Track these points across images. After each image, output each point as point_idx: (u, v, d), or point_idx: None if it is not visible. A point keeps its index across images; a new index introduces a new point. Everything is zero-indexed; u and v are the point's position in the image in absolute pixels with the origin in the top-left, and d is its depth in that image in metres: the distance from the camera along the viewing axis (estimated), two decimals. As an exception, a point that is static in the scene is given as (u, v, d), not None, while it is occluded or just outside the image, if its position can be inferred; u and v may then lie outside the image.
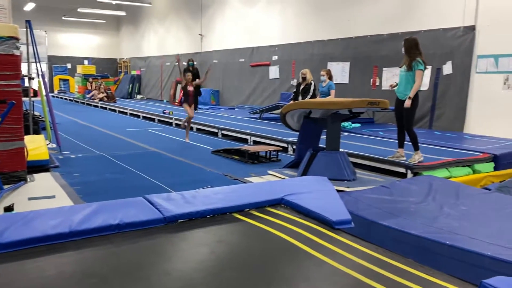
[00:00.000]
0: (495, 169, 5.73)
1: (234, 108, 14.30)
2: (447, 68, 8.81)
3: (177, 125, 10.72)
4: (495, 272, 2.60)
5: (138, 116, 13.02)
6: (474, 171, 5.53)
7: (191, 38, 17.82)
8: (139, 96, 21.42)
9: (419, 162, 5.32)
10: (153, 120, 12.02)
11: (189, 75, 8.15)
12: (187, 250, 2.21)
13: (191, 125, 10.08)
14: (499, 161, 5.79)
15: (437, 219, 3.44)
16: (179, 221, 2.54)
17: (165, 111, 12.09)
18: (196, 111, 12.47)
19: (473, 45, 8.44)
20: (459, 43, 8.64)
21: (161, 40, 20.39)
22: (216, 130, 9.17)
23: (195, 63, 13.22)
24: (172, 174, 5.46)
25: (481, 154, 5.84)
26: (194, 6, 17.36)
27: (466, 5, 8.48)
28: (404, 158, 5.51)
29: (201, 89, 13.31)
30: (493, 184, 5.14)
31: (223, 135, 8.94)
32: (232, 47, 15.42)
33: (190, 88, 7.85)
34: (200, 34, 17.19)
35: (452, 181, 4.76)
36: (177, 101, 16.45)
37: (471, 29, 8.44)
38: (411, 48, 5.42)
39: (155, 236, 2.36)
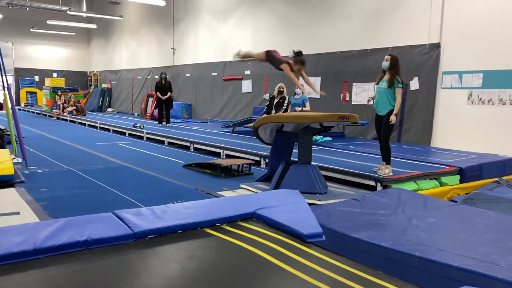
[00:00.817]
0: (461, 181, 5.91)
1: (206, 122, 14.26)
2: (414, 84, 9.09)
3: (147, 139, 10.60)
4: (463, 283, 2.66)
5: (109, 130, 12.80)
6: (441, 184, 5.68)
7: (164, 51, 17.75)
8: (109, 110, 21.09)
9: (388, 175, 5.43)
10: (123, 134, 11.83)
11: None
12: (157, 266, 2.17)
13: (162, 138, 9.99)
14: (464, 174, 5.97)
15: (406, 231, 3.51)
16: (149, 236, 2.49)
17: (136, 125, 11.94)
18: (168, 124, 12.41)
19: (438, 62, 8.75)
20: (425, 60, 8.94)
21: (133, 53, 20.23)
22: (188, 144, 9.11)
23: (167, 76, 13.15)
24: (142, 188, 5.37)
25: (447, 167, 6.02)
26: (166, 20, 17.34)
27: (432, 23, 8.81)
28: (389, 171, 5.59)
29: (173, 102, 13.24)
30: (459, 196, 5.30)
31: (196, 148, 8.89)
32: (205, 61, 15.44)
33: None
34: (173, 48, 17.15)
35: (420, 193, 4.88)
36: (148, 114, 16.28)
37: (437, 46, 8.75)
38: (395, 66, 5.59)
39: (124, 252, 2.30)
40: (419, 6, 9.03)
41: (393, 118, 5.57)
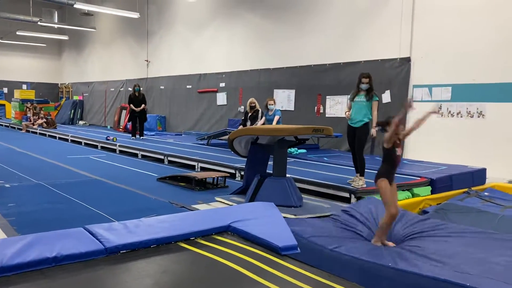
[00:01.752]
0: (432, 192, 6.03)
1: (181, 134, 14.16)
2: (386, 97, 9.29)
3: (120, 151, 10.43)
4: (435, 292, 2.72)
5: (80, 143, 12.53)
6: (413, 195, 5.79)
7: (137, 63, 17.61)
8: (81, 122, 20.69)
9: (361, 187, 5.49)
10: (96, 146, 11.60)
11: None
12: (129, 282, 2.11)
13: (136, 151, 9.85)
14: (435, 185, 6.11)
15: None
16: (121, 252, 2.44)
17: (108, 138, 11.74)
18: (142, 137, 12.25)
19: (409, 76, 8.99)
20: (396, 74, 9.16)
21: (106, 65, 19.98)
22: (162, 157, 9.00)
23: (141, 88, 13.02)
24: (115, 202, 5.26)
25: (419, 178, 6.14)
26: (140, 32, 17.24)
27: (402, 37, 9.05)
28: (363, 182, 5.67)
29: (147, 115, 13.09)
30: (431, 207, 5.42)
31: (170, 161, 8.79)
32: (179, 73, 15.40)
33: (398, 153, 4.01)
34: (147, 60, 17.04)
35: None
36: (121, 127, 16.05)
37: (407, 60, 9.00)
38: (372, 81, 5.87)
39: (95, 268, 2.24)
40: (390, 21, 9.28)
41: (374, 131, 5.78)
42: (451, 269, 2.93)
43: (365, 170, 5.80)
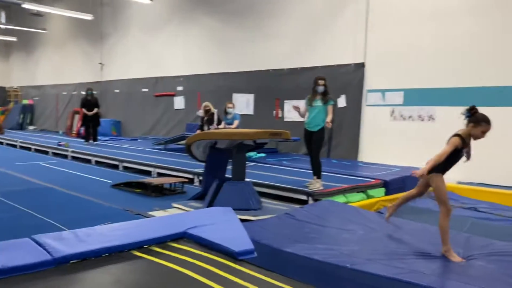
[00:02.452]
0: (386, 193, 6.21)
1: (137, 139, 13.83)
2: (342, 101, 9.50)
3: (73, 157, 10.05)
4: (390, 292, 2.77)
5: (29, 149, 11.97)
6: (368, 196, 5.93)
7: (91, 66, 17.08)
8: (31, 127, 19.79)
9: (318, 189, 5.57)
10: (46, 153, 11.12)
11: None
12: (79, 294, 2.01)
13: (89, 157, 9.52)
14: (389, 186, 6.29)
15: (338, 243, 3.59)
16: (71, 262, 2.32)
17: (60, 143, 11.28)
18: (95, 142, 11.87)
19: (363, 80, 9.24)
20: (351, 79, 9.39)
21: (58, 68, 19.22)
22: (117, 163, 8.75)
23: (94, 92, 12.61)
24: (66, 211, 5.03)
25: (373, 180, 6.30)
26: (94, 34, 16.74)
27: (356, 43, 9.30)
28: (320, 185, 5.73)
29: (101, 119, 12.70)
30: (385, 208, 5.54)
31: (125, 167, 8.56)
32: (135, 76, 15.06)
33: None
34: (101, 63, 16.56)
35: (350, 205, 5.04)
36: (74, 132, 15.49)
37: (361, 65, 9.24)
38: (326, 86, 5.97)
39: (43, 280, 2.12)
40: (345, 28, 9.51)
41: (329, 124, 5.83)
42: (407, 268, 3.00)
43: (322, 172, 5.89)
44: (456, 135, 3.37)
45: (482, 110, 3.39)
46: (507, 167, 7.36)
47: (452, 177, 7.72)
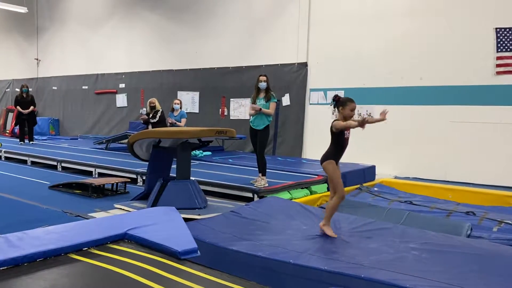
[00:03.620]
0: (328, 189, 6.38)
1: (77, 139, 13.26)
2: (286, 100, 9.66)
3: (6, 158, 9.47)
4: (332, 285, 2.85)
5: (-43, 150, 11.12)
6: (311, 192, 6.08)
7: (26, 62, 16.14)
8: (-41, 127, 18.38)
9: (263, 186, 5.62)
10: (-24, 153, 10.38)
11: None
12: (9, 303, 1.90)
13: (24, 157, 9.01)
14: (331, 182, 6.46)
15: (282, 239, 3.65)
16: (0, 268, 2.18)
17: (-8, 143, 10.58)
18: (31, 142, 11.24)
19: (306, 80, 9.44)
20: (294, 78, 9.57)
21: (-12, 63, 17.99)
22: (55, 163, 8.33)
23: (30, 89, 11.92)
24: (-2, 214, 4.73)
25: (316, 176, 6.46)
26: (28, 28, 15.84)
27: (299, 43, 9.48)
28: (265, 182, 5.77)
29: (37, 117, 12.04)
30: (327, 203, 5.71)
31: (64, 168, 8.17)
32: (74, 73, 14.43)
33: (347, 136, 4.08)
34: (36, 59, 15.70)
35: (294, 201, 5.13)
36: (8, 131, 14.58)
37: (304, 65, 9.44)
38: (268, 83, 5.98)
39: (-32, 290, 1.98)
40: (288, 28, 9.67)
41: (258, 107, 5.81)
42: (347, 261, 3.10)
43: (267, 170, 5.95)
44: (334, 120, 3.87)
45: (416, 108, 3.57)
46: (439, 162, 7.83)
47: (389, 172, 8.13)
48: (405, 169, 8.13)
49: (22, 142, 11.17)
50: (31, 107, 11.27)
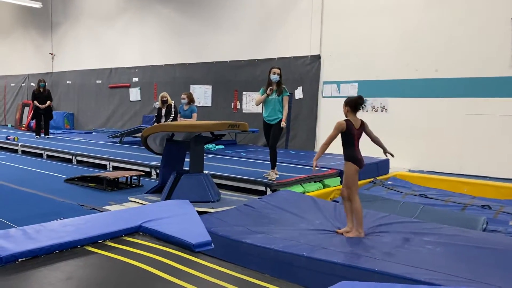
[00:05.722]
0: (341, 183, 6.35)
1: (91, 132, 13.41)
2: (298, 93, 9.61)
3: (23, 152, 9.62)
4: (345, 278, 2.85)
5: (-25, 144, 11.34)
6: (324, 186, 6.06)
7: (41, 57, 16.34)
8: (-23, 121, 18.76)
9: (275, 180, 5.63)
10: (-6, 147, 10.59)
11: None
12: (28, 293, 1.94)
13: (40, 151, 9.15)
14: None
15: (295, 232, 3.65)
16: (19, 260, 2.23)
17: (9, 137, 10.75)
18: (47, 136, 11.40)
19: (319, 72, 9.38)
20: (307, 70, 9.51)
21: (5, 59, 18.23)
22: (70, 157, 8.45)
23: (46, 83, 12.06)
24: (17, 207, 4.82)
25: (329, 170, 6.43)
26: (43, 23, 16.01)
27: (312, 36, 9.41)
28: (276, 175, 5.79)
29: (53, 112, 12.19)
30: (341, 197, 5.70)
31: (78, 161, 8.28)
32: (88, 67, 14.56)
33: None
34: (51, 53, 15.88)
35: (306, 195, 5.12)
36: (24, 125, 14.81)
37: (317, 58, 9.37)
38: (281, 77, 5.92)
39: (-12, 280, 2.02)
40: (301, 20, 9.60)
41: (284, 124, 5.85)
42: (360, 254, 3.09)
43: (279, 163, 5.94)
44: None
45: (431, 100, 3.53)
46: (454, 155, 7.73)
47: (403, 165, 8.06)
48: (419, 162, 8.05)
49: (38, 136, 11.34)
50: (48, 102, 11.43)
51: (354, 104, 3.84)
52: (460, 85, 7.69)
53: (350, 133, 3.80)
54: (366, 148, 8.55)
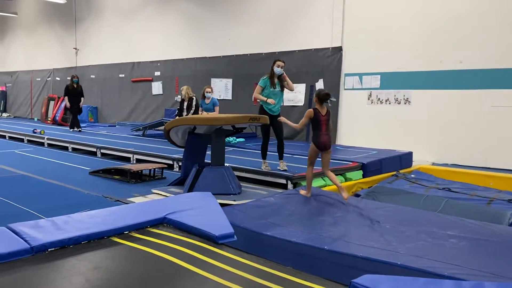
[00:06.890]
0: (363, 176, 6.32)
1: (115, 126, 13.64)
2: (319, 85, 9.54)
3: (49, 145, 9.87)
4: (367, 272, 2.84)
5: (4, 137, 11.69)
6: (346, 179, 6.02)
7: (65, 52, 16.66)
8: (5, 115, 19.30)
9: (284, 170, 5.66)
10: (22, 140, 10.88)
11: None
12: (57, 281, 2.01)
13: (66, 144, 9.37)
14: (366, 169, 6.39)
15: (316, 226, 3.66)
16: (49, 250, 2.31)
17: (35, 130, 11.04)
18: (79, 129, 11.65)
19: (341, 64, 9.28)
20: (329, 62, 9.43)
21: (30, 54, 18.68)
22: (94, 149, 8.63)
23: (79, 80, 12.28)
24: (44, 199, 4.97)
25: (351, 163, 6.39)
26: (67, 18, 16.30)
27: (334, 27, 9.32)
28: (284, 165, 5.81)
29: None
30: (362, 190, 5.66)
31: (103, 154, 8.45)
32: (111, 61, 14.78)
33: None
34: (75, 48, 16.17)
35: (326, 190, 5.11)
36: (49, 119, 15.17)
37: (339, 49, 9.28)
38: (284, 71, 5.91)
39: (21, 269, 2.10)
40: (322, 12, 9.50)
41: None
42: (382, 247, 3.08)
43: (300, 156, 5.93)
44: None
45: (455, 92, 3.47)
46: (479, 148, 7.58)
47: (426, 158, 7.94)
48: (443, 155, 7.92)
49: (72, 129, 11.70)
50: (82, 100, 11.79)
51: (321, 97, 4.55)
52: (486, 76, 7.51)
53: (317, 119, 4.56)
54: (390, 141, 8.50)
